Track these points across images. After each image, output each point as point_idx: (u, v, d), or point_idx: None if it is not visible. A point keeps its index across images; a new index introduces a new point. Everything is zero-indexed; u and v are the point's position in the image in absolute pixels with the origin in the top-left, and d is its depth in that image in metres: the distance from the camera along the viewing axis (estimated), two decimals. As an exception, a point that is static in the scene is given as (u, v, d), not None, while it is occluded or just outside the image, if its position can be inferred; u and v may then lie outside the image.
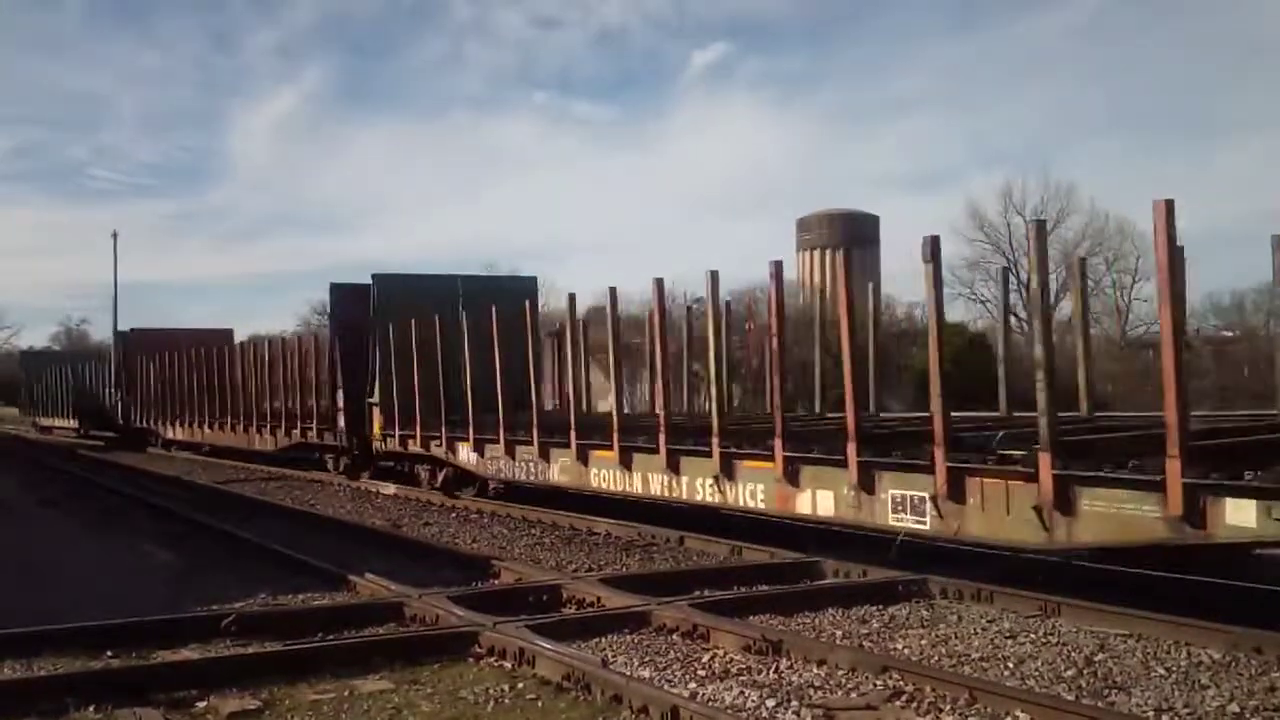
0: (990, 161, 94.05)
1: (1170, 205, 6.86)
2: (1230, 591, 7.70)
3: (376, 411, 17.61)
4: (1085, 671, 6.32)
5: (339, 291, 19.58)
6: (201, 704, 5.87)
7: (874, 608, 8.08)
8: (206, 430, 26.62)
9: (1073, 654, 6.71)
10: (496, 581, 9.38)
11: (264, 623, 7.57)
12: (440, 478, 16.20)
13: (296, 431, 21.30)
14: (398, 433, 16.78)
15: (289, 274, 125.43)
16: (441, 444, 15.52)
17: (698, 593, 8.51)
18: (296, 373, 21.73)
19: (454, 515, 14.48)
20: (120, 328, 39.03)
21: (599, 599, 8.19)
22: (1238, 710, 5.53)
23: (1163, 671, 6.29)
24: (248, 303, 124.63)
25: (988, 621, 7.64)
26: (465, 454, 15.05)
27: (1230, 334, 46.11)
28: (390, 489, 17.55)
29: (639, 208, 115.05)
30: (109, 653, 6.87)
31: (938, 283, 8.42)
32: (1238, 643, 6.65)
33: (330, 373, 19.48)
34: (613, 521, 12.49)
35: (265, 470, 22.60)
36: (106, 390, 35.75)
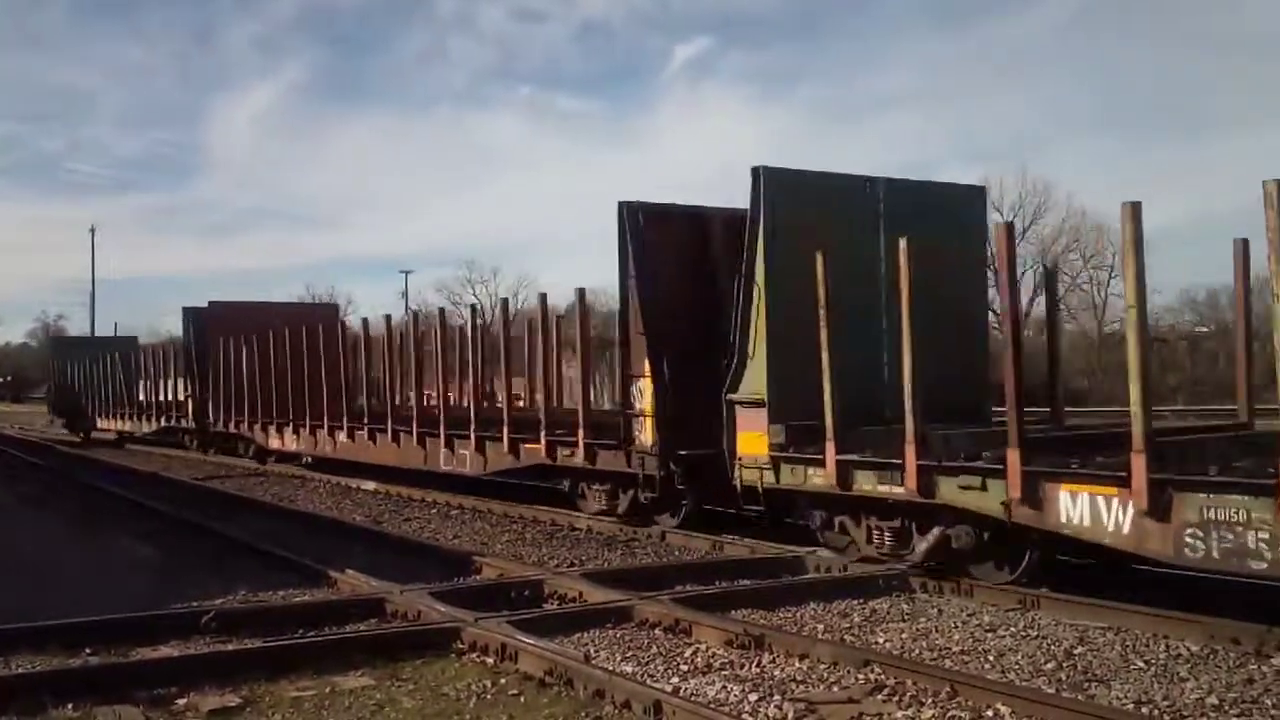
0: (973, 158, 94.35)
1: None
2: (1208, 584, 7.77)
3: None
4: (1065, 664, 6.37)
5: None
6: (181, 701, 5.82)
7: (855, 601, 8.12)
8: (332, 437, 18.76)
9: (1052, 647, 6.76)
10: (478, 577, 9.36)
11: (244, 620, 7.52)
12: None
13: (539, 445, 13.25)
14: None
15: (271, 270, 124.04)
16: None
17: (680, 587, 8.52)
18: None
19: (435, 511, 14.44)
20: (99, 323, 36.94)
21: (581, 594, 8.19)
22: (1216, 702, 5.58)
23: (1142, 664, 6.35)
24: (230, 298, 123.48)
25: (968, 615, 7.69)
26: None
27: (1205, 329, 46.57)
28: (371, 485, 17.47)
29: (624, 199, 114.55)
30: (87, 650, 6.81)
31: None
32: (1215, 635, 6.72)
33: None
34: (594, 517, 12.49)
35: (245, 466, 22.41)
36: (172, 383, 27.75)
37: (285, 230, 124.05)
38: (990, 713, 5.38)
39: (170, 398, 27.85)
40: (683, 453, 11.11)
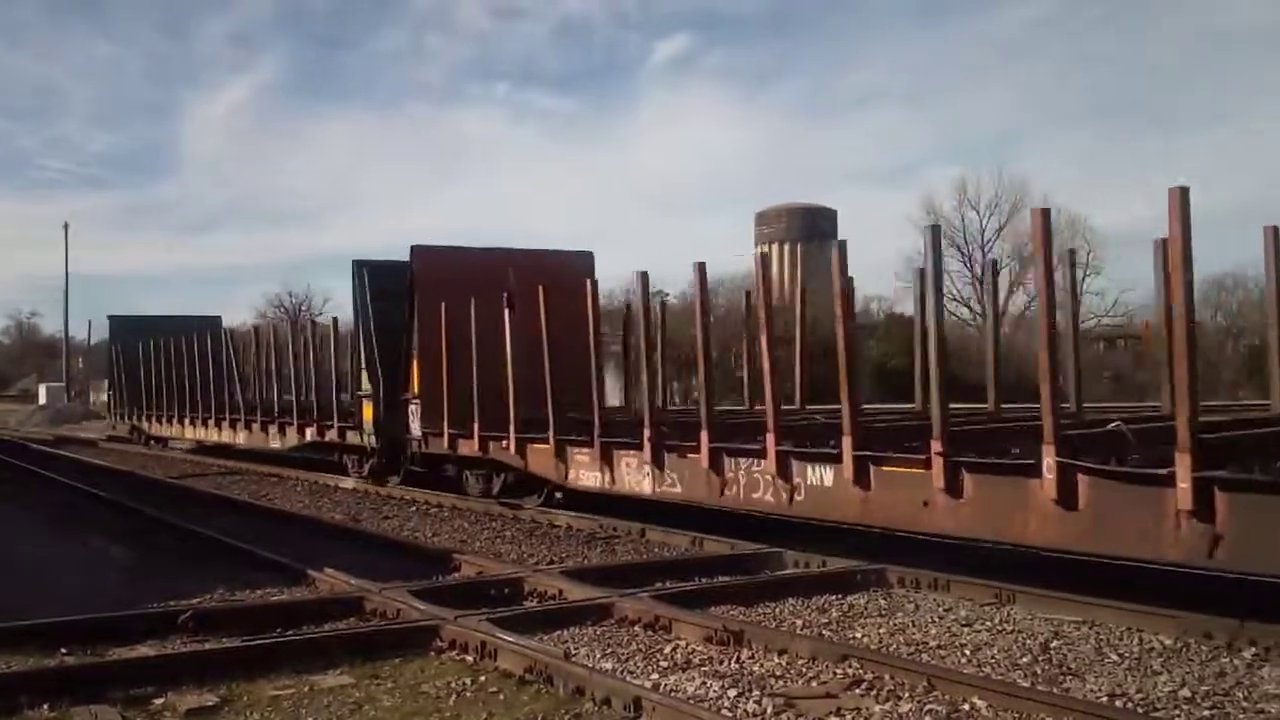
0: (952, 156, 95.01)
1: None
2: (1180, 577, 7.86)
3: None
4: (1040, 658, 6.44)
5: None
6: (158, 701, 5.79)
7: (833, 597, 8.17)
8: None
9: (1028, 641, 6.82)
10: (458, 575, 9.34)
11: (221, 619, 7.48)
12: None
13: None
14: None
15: (248, 267, 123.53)
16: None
17: (659, 584, 8.55)
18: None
19: (414, 509, 14.39)
20: (72, 320, 32.39)
21: (561, 591, 8.20)
22: (1189, 695, 5.66)
23: (1115, 658, 6.42)
24: (204, 296, 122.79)
25: (944, 610, 7.75)
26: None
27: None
28: (349, 483, 17.42)
29: (602, 201, 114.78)
30: (63, 650, 6.75)
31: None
32: (1188, 628, 6.81)
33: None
34: (574, 515, 12.50)
35: (219, 465, 22.29)
36: (322, 376, 19.97)
37: (261, 227, 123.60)
38: (967, 706, 5.43)
39: (309, 397, 20.07)
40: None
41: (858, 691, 5.75)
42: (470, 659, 6.54)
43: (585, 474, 12.34)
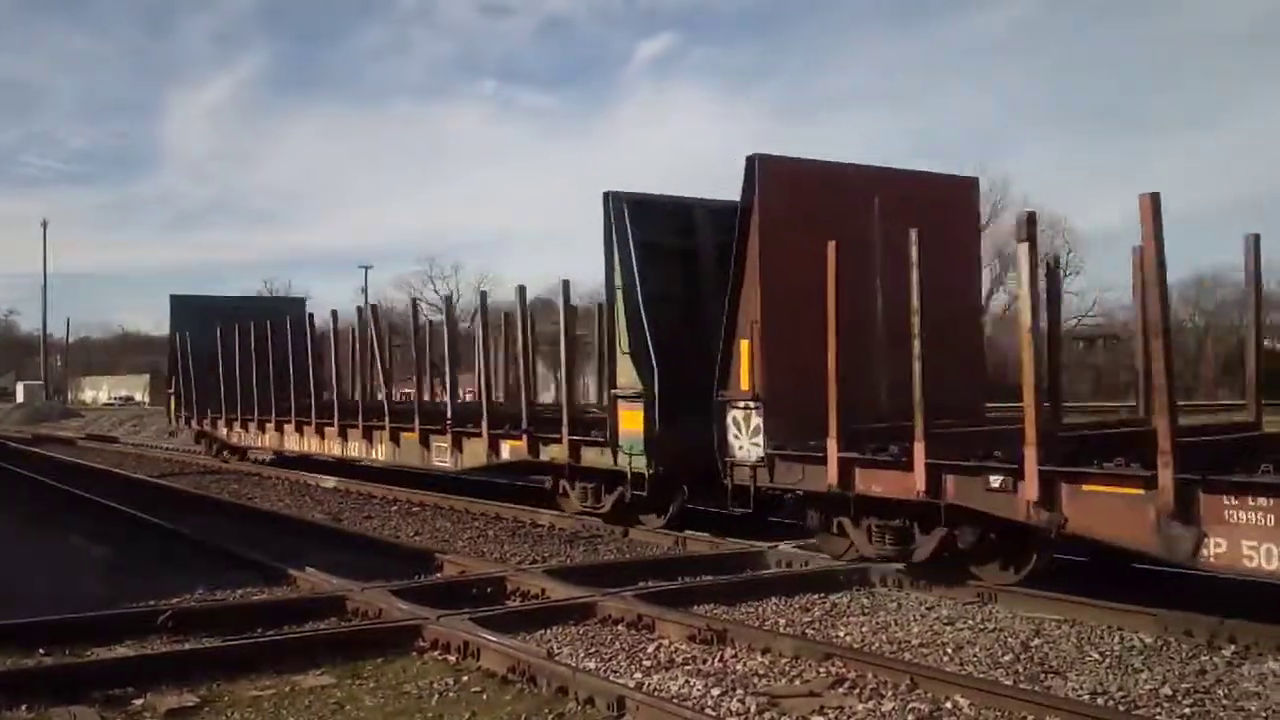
0: (933, 157, 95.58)
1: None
2: (1161, 576, 7.91)
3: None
4: (1022, 657, 6.46)
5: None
6: (138, 701, 5.74)
7: (816, 596, 8.18)
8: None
9: (1009, 639, 6.85)
10: (440, 575, 9.31)
11: (202, 619, 7.43)
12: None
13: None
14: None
15: (228, 265, 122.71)
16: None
17: (643, 583, 8.54)
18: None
19: (396, 508, 14.34)
20: (51, 318, 26.93)
21: (544, 590, 8.17)
22: (1170, 692, 5.69)
23: (1097, 656, 6.46)
24: (187, 293, 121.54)
25: (926, 608, 7.78)
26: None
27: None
28: (330, 482, 17.31)
29: (586, 199, 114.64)
30: (41, 650, 6.68)
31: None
32: (1168, 626, 6.86)
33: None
34: (556, 514, 12.47)
35: (201, 464, 22.11)
36: (510, 369, 16.89)
37: (242, 225, 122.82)
38: (949, 704, 5.45)
39: (494, 399, 14.84)
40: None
41: (841, 690, 5.76)
42: (453, 659, 6.51)
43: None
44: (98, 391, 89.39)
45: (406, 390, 18.82)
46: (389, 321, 18.09)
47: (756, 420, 9.51)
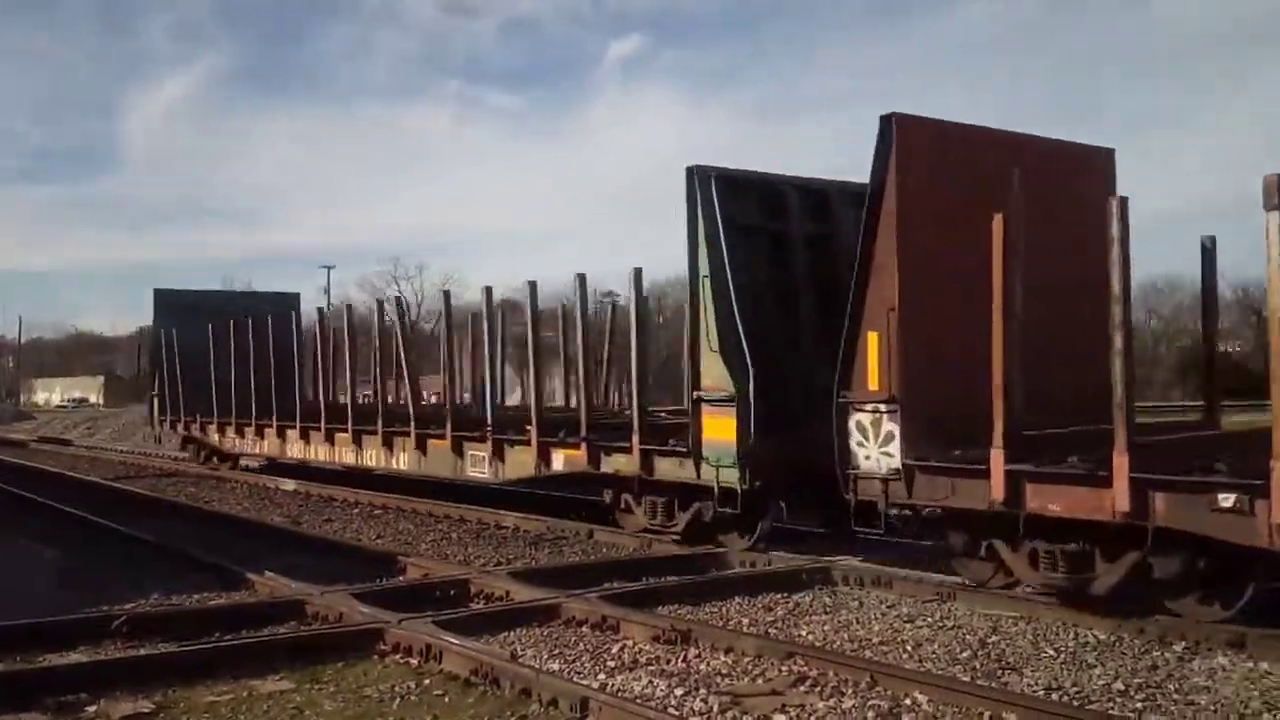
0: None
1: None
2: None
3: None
4: (980, 653, 6.55)
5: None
6: (92, 708, 5.65)
7: (779, 595, 8.23)
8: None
9: (968, 636, 6.94)
10: (403, 577, 9.24)
11: (157, 624, 7.31)
12: None
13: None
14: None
15: (187, 264, 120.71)
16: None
17: (607, 585, 8.54)
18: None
19: (357, 511, 14.22)
20: (1, 319, 24.22)
21: (508, 593, 8.15)
22: (1122, 688, 5.80)
23: (1052, 652, 6.56)
24: (143, 294, 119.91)
25: (887, 607, 7.85)
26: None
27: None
28: (290, 485, 17.12)
29: (555, 200, 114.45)
30: (-9, 657, 6.56)
31: None
32: (1122, 624, 6.97)
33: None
34: (522, 515, 12.43)
35: (158, 467, 21.77)
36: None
37: (202, 224, 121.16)
38: (908, 701, 5.50)
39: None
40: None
41: (802, 688, 5.80)
42: (415, 662, 6.47)
43: None
44: (50, 393, 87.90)
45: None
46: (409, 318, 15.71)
47: (889, 426, 8.05)
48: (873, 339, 8.20)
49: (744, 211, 10.15)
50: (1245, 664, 6.19)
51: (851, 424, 8.30)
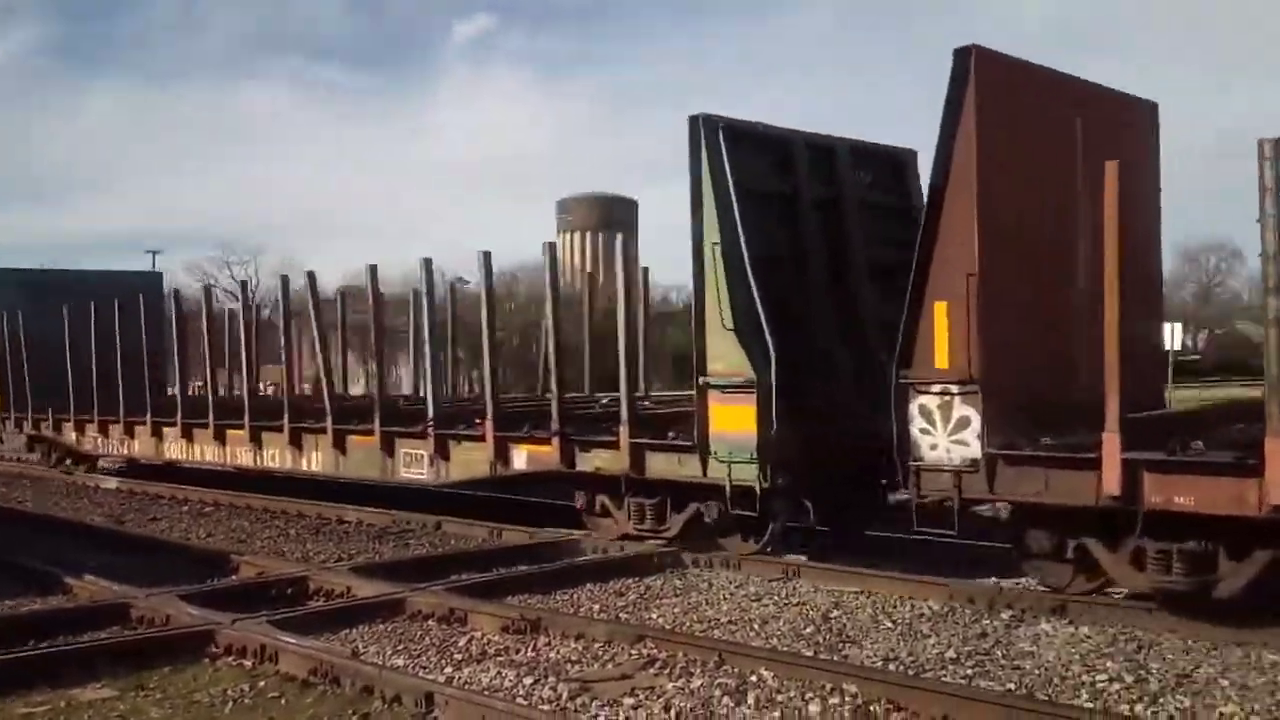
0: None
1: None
2: (949, 548, 8.42)
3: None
4: (822, 628, 6.74)
5: None
6: (-120, 731, 5.15)
7: (631, 580, 8.26)
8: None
9: (811, 613, 7.14)
10: (236, 577, 8.82)
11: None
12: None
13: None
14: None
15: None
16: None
17: (456, 577, 8.37)
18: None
19: (186, 509, 13.49)
20: None
21: (349, 589, 7.88)
22: (954, 655, 6.07)
23: (890, 624, 6.82)
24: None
25: (735, 587, 7.99)
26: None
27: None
28: (112, 483, 16.10)
29: (399, 183, 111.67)
30: None
31: None
32: (954, 595, 7.32)
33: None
34: (366, 509, 12.06)
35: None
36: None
37: (12, 206, 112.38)
38: (754, 677, 5.60)
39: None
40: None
41: (652, 671, 5.82)
42: (249, 664, 6.17)
43: None
44: None
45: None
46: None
47: (964, 410, 6.95)
48: (940, 310, 7.05)
49: (754, 171, 8.92)
50: (1067, 629, 6.58)
51: (914, 408, 7.17)
